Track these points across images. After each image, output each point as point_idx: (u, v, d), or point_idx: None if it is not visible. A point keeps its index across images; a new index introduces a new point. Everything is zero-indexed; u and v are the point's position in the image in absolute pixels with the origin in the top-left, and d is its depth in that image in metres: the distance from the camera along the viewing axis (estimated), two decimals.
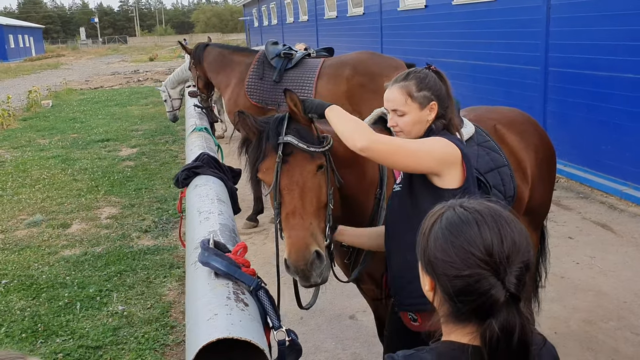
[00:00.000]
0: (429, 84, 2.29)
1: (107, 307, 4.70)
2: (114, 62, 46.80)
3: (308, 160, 2.27)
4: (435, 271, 1.26)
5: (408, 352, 1.30)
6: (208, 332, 1.69)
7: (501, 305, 1.18)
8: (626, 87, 6.61)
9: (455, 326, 1.26)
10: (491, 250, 1.20)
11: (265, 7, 33.08)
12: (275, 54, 6.31)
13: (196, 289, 2.06)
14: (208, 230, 2.58)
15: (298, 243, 2.17)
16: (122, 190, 8.13)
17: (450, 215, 1.28)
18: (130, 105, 17.56)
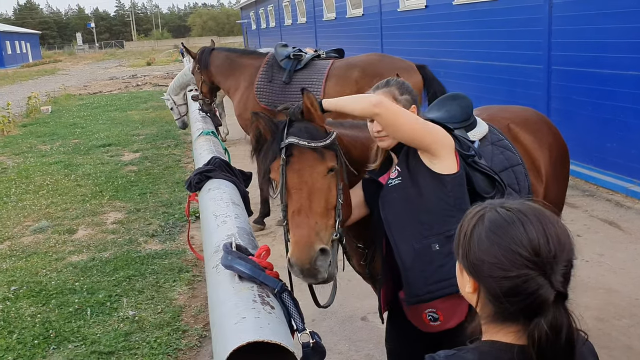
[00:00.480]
0: (408, 89, 2.45)
1: (117, 312, 4.69)
2: (111, 67, 46.75)
3: (319, 161, 2.26)
4: (481, 274, 1.25)
5: (450, 352, 1.29)
6: (237, 335, 1.69)
7: (550, 305, 1.18)
8: (631, 85, 6.62)
9: (498, 326, 1.26)
10: (538, 249, 1.19)
11: (262, 9, 33.08)
12: (284, 56, 6.31)
13: (220, 292, 2.05)
14: (226, 233, 2.58)
15: (302, 241, 2.16)
16: (126, 195, 8.12)
17: (492, 216, 1.27)
18: (130, 110, 17.54)
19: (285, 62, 6.27)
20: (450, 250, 2.18)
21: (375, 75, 5.86)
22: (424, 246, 2.23)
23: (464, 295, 1.37)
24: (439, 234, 2.22)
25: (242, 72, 6.55)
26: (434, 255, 2.21)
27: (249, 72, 6.50)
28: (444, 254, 2.20)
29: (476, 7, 9.95)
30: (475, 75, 10.02)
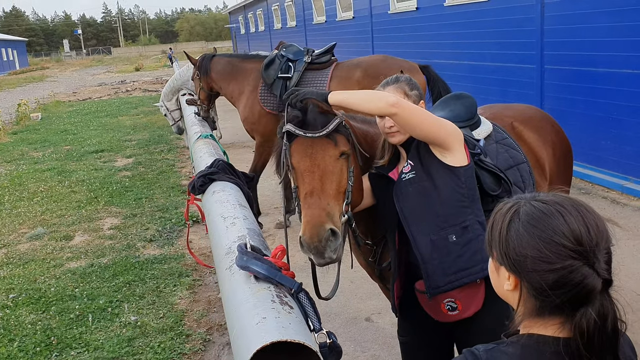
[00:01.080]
0: (416, 85, 2.50)
1: (119, 317, 4.66)
2: (99, 73, 46.58)
3: (331, 145, 2.29)
4: (524, 269, 1.23)
5: (489, 346, 1.28)
6: (260, 335, 1.68)
7: (597, 293, 1.17)
8: (626, 83, 6.67)
9: (539, 320, 1.25)
10: (580, 239, 1.18)
11: (251, 13, 33.06)
12: (273, 78, 6.21)
13: (236, 294, 2.04)
14: (237, 235, 2.58)
15: (313, 221, 2.19)
16: (122, 201, 8.08)
17: (529, 210, 1.25)
18: (121, 116, 17.47)
19: (276, 86, 6.18)
20: (467, 241, 2.22)
21: (377, 76, 5.82)
22: (441, 238, 2.26)
23: (502, 294, 1.36)
24: (454, 225, 2.25)
25: (245, 76, 6.51)
26: (451, 246, 2.24)
27: (252, 76, 6.45)
28: (461, 244, 2.24)
29: (468, 7, 10.01)
30: (468, 76, 10.06)
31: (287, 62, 6.25)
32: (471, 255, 2.23)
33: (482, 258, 2.19)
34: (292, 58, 6.26)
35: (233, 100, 6.70)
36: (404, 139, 2.35)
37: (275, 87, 6.17)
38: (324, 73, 6.17)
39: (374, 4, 14.37)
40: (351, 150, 2.36)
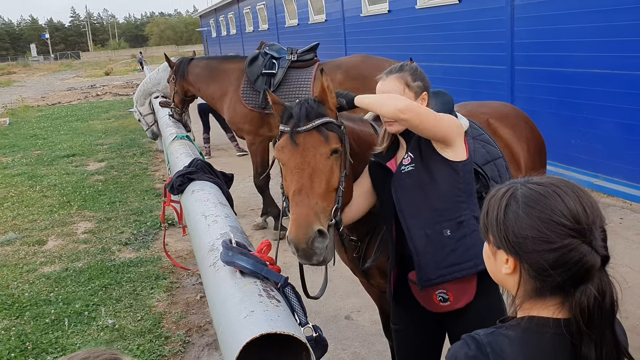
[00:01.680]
0: (421, 75, 2.43)
1: (96, 321, 4.60)
2: (68, 77, 45.87)
3: (323, 143, 2.28)
4: (524, 250, 1.25)
5: (489, 331, 1.29)
6: (249, 328, 1.69)
7: (597, 270, 1.20)
8: (594, 82, 6.83)
9: (538, 302, 1.27)
10: (578, 218, 1.21)
11: (223, 17, 32.94)
12: (257, 75, 6.18)
13: (222, 289, 2.05)
14: (220, 232, 2.58)
15: (300, 219, 2.17)
16: (95, 205, 7.97)
17: (526, 192, 1.28)
18: (92, 120, 17.24)
19: (260, 83, 6.15)
20: (462, 236, 2.23)
21: (358, 77, 5.85)
22: (435, 232, 2.27)
23: (499, 279, 1.37)
24: (450, 219, 2.27)
25: (226, 76, 6.42)
26: (445, 240, 2.26)
27: (234, 75, 6.35)
28: (455, 239, 2.26)
29: (439, 10, 10.13)
30: (440, 78, 10.17)
31: (270, 60, 6.22)
32: (465, 250, 2.25)
33: (475, 253, 2.21)
34: (276, 56, 6.23)
35: (214, 102, 6.59)
36: (401, 129, 2.35)
37: (258, 83, 6.14)
38: (308, 72, 6.13)
39: (346, 7, 14.44)
40: (343, 148, 2.36)
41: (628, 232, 5.63)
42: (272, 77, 6.09)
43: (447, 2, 9.79)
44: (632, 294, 4.34)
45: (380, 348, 3.93)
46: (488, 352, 1.24)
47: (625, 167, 6.62)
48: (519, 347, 1.24)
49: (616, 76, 6.55)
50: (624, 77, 6.44)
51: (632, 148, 6.49)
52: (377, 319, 3.94)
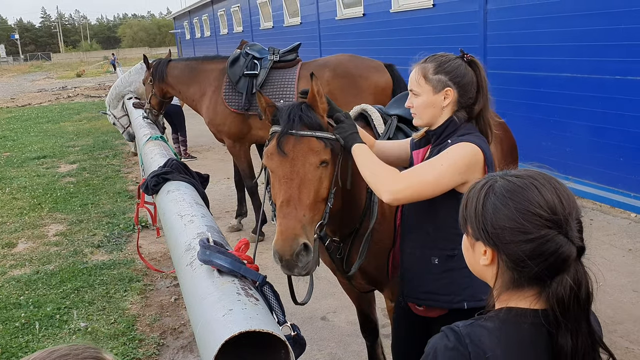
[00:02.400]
0: (448, 69, 2.19)
1: (68, 324, 4.52)
2: (38, 79, 45.15)
3: (312, 152, 2.23)
4: (501, 241, 1.27)
5: (468, 322, 1.30)
6: (227, 327, 1.67)
7: (573, 260, 1.22)
8: (565, 86, 6.95)
9: (515, 293, 1.29)
10: (555, 209, 1.24)
11: (197, 19, 32.74)
12: (239, 76, 6.12)
13: (200, 288, 2.03)
14: (196, 232, 2.56)
15: (287, 232, 2.14)
16: (67, 207, 7.85)
17: (503, 184, 1.30)
18: (63, 122, 16.99)
19: (242, 84, 6.08)
20: (448, 269, 2.15)
21: (345, 75, 5.84)
22: (424, 255, 2.23)
23: (477, 270, 1.39)
24: (441, 249, 2.19)
25: (205, 77, 6.32)
26: (432, 267, 2.21)
27: (213, 76, 6.25)
28: (441, 269, 2.19)
29: (413, 14, 10.22)
30: None
31: (252, 60, 6.16)
32: (447, 283, 2.19)
33: (455, 290, 2.17)
34: (258, 56, 6.17)
35: (195, 103, 6.48)
36: (421, 124, 2.26)
37: (241, 85, 6.06)
38: (291, 72, 6.08)
39: (321, 10, 14.48)
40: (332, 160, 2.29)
41: (598, 233, 5.74)
42: (255, 77, 6.03)
43: (421, 6, 9.89)
44: (602, 293, 4.43)
45: (357, 348, 3.94)
46: (467, 343, 1.25)
47: (595, 170, 6.75)
48: (497, 338, 1.25)
49: (586, 80, 6.68)
50: (594, 81, 6.57)
51: (601, 151, 6.62)
52: (353, 319, 3.96)
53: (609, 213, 6.36)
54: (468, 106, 2.22)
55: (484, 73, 2.24)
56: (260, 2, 19.48)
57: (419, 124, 2.27)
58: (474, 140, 2.12)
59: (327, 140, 2.27)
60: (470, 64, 2.24)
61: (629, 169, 6.31)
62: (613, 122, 6.41)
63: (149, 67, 6.72)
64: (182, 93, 6.52)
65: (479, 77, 2.22)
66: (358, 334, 3.47)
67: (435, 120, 2.23)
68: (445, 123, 2.20)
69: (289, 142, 2.24)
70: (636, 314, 4.19)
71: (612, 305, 4.29)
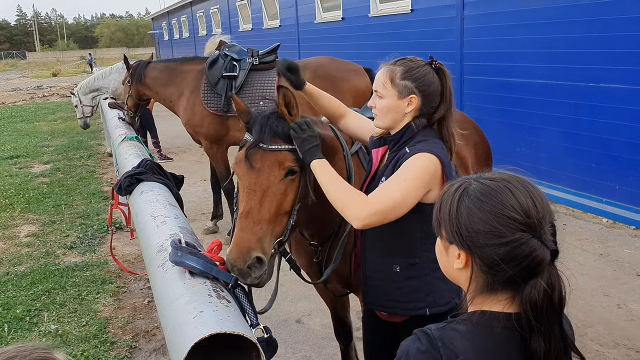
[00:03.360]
0: (415, 76, 2.17)
1: (38, 327, 4.44)
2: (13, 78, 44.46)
3: (279, 165, 2.20)
4: (475, 244, 1.26)
5: (440, 325, 1.29)
6: (198, 329, 1.66)
7: (546, 264, 1.22)
8: (539, 92, 7.05)
9: (489, 297, 1.28)
10: (529, 212, 1.23)
11: (175, 20, 32.55)
12: (217, 78, 6.06)
13: (171, 289, 2.01)
14: (169, 233, 2.54)
15: (241, 244, 2.11)
16: (39, 207, 7.73)
17: (478, 187, 1.29)
18: (37, 121, 16.75)
19: (221, 85, 6.04)
20: (410, 277, 2.16)
21: (326, 77, 5.83)
22: (386, 263, 2.23)
23: (451, 274, 1.37)
24: (403, 257, 2.19)
25: (183, 78, 6.26)
26: (394, 275, 2.21)
27: (191, 76, 6.19)
28: (403, 277, 2.20)
29: (391, 19, 10.28)
30: None
31: (231, 62, 6.12)
32: (409, 291, 2.20)
33: (418, 297, 2.19)
34: (237, 57, 6.13)
35: (172, 104, 6.42)
36: (381, 126, 2.25)
37: (219, 86, 6.01)
38: (271, 74, 6.04)
39: (300, 13, 14.50)
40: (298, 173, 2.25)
41: (571, 237, 5.82)
42: (234, 79, 6.00)
43: (399, 12, 9.95)
44: (574, 296, 4.47)
45: (331, 351, 3.94)
46: (439, 346, 1.25)
47: (568, 175, 6.85)
48: (469, 342, 1.25)
49: (559, 86, 6.78)
50: (566, 88, 6.67)
51: (574, 156, 6.72)
52: (327, 322, 3.95)
53: (581, 218, 6.45)
54: (429, 114, 2.20)
55: (450, 82, 2.23)
56: (239, 4, 19.44)
57: (379, 125, 2.25)
58: (431, 149, 2.10)
59: (296, 152, 2.23)
60: (438, 71, 2.22)
61: (601, 174, 6.42)
62: (585, 129, 6.51)
63: (128, 68, 6.66)
64: (159, 94, 6.46)
65: (445, 86, 2.21)
66: (332, 337, 3.46)
67: (396, 125, 2.21)
68: (403, 129, 2.19)
69: (256, 155, 2.21)
70: (607, 317, 4.26)
71: (584, 308, 4.35)
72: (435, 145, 2.13)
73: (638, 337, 3.98)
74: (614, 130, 6.17)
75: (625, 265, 5.14)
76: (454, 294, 2.20)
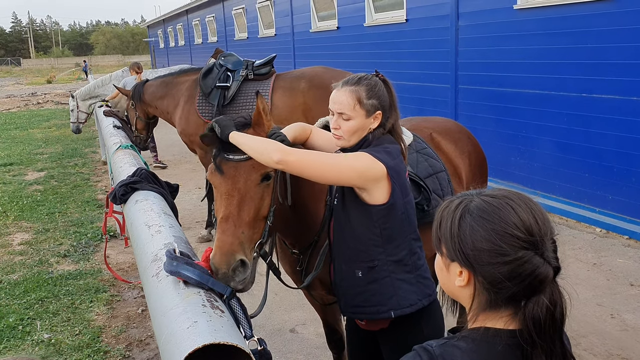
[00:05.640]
0: (378, 93, 2.27)
1: (30, 336, 4.42)
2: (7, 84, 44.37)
3: (254, 169, 2.23)
4: (478, 262, 1.25)
5: (441, 341, 1.28)
6: (191, 339, 1.66)
7: (549, 281, 1.22)
8: (532, 102, 7.09)
9: (490, 314, 1.27)
10: (531, 230, 1.23)
11: (171, 28, 32.58)
12: (211, 88, 6.09)
13: (165, 299, 2.01)
14: (163, 243, 2.53)
15: (224, 247, 2.14)
16: (33, 215, 7.71)
17: (479, 204, 1.28)
18: (32, 128, 16.72)
19: (214, 95, 6.06)
20: (371, 280, 2.22)
21: (321, 86, 5.88)
22: (350, 269, 2.28)
23: (452, 291, 1.36)
24: (362, 261, 2.24)
25: (178, 88, 6.33)
26: (356, 280, 2.27)
27: (186, 86, 6.27)
28: (365, 282, 2.25)
29: (386, 28, 10.33)
30: None
31: (225, 72, 6.14)
32: (371, 295, 2.24)
33: (381, 301, 2.23)
34: (231, 68, 6.16)
35: (169, 116, 6.49)
36: (347, 145, 2.28)
37: (212, 96, 6.04)
38: (266, 84, 6.09)
39: (295, 22, 14.56)
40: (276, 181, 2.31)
41: (564, 247, 5.80)
42: (227, 89, 6.03)
43: (394, 21, 10.00)
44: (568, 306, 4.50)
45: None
46: None
47: (562, 185, 6.88)
48: (470, 359, 1.24)
49: (553, 97, 6.82)
50: (560, 98, 6.72)
51: (568, 166, 6.75)
52: (321, 331, 3.93)
53: (574, 228, 6.48)
54: (384, 124, 2.29)
55: (394, 90, 2.33)
56: (235, 12, 19.50)
57: (345, 146, 2.28)
58: (376, 152, 2.17)
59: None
60: (384, 83, 2.31)
61: (594, 184, 6.45)
62: (578, 139, 6.55)
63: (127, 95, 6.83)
64: (158, 108, 6.56)
65: (392, 97, 2.31)
66: (327, 346, 3.46)
67: (357, 142, 2.28)
68: (361, 142, 2.27)
69: (229, 164, 2.24)
70: (600, 327, 4.27)
71: (577, 318, 4.36)
72: (380, 153, 2.19)
73: (631, 347, 3.99)
74: (607, 140, 6.21)
75: (619, 275, 5.16)
76: (420, 295, 2.25)
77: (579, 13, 6.37)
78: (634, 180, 5.98)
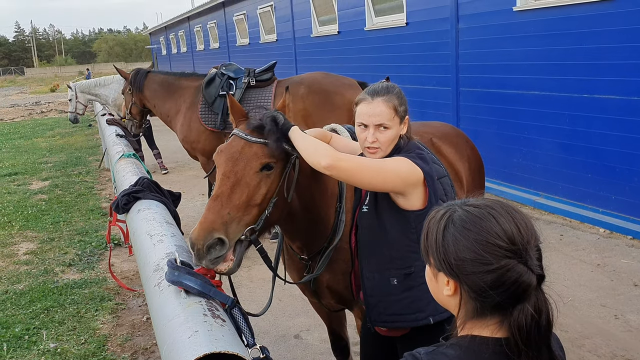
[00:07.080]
0: (405, 99, 2.30)
1: (37, 345, 4.45)
2: (11, 94, 44.57)
3: (256, 156, 2.26)
4: (462, 272, 1.27)
5: (429, 349, 1.30)
6: (192, 348, 1.68)
7: (533, 289, 1.23)
8: (534, 103, 7.10)
9: (478, 322, 1.29)
10: (513, 238, 1.24)
11: (173, 35, 32.70)
12: (214, 97, 6.11)
13: (167, 309, 2.03)
14: (165, 252, 2.55)
15: (205, 224, 2.16)
16: (38, 225, 7.74)
17: (462, 214, 1.30)
18: (36, 138, 16.79)
19: (218, 104, 6.09)
20: (408, 287, 2.19)
21: (320, 92, 5.91)
22: (383, 277, 2.26)
23: (441, 300, 1.39)
24: (398, 268, 2.23)
25: (181, 94, 6.35)
26: (392, 288, 2.25)
27: (188, 93, 6.30)
28: (401, 289, 2.23)
29: (387, 32, 10.35)
30: None
31: (228, 80, 6.18)
32: (410, 302, 2.23)
33: (420, 307, 2.21)
34: (233, 76, 6.20)
35: (169, 119, 6.51)
36: (383, 156, 2.25)
37: (216, 105, 6.09)
38: (267, 91, 6.14)
39: (296, 27, 14.60)
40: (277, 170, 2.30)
41: (567, 248, 5.84)
42: None
43: (395, 25, 10.02)
44: (572, 307, 4.50)
45: None
46: None
47: (565, 186, 6.88)
48: None
49: (554, 98, 6.82)
50: (562, 99, 6.72)
51: (570, 167, 6.75)
52: (326, 337, 3.94)
53: (578, 228, 6.47)
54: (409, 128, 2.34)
55: None
56: (236, 18, 19.57)
57: (381, 156, 2.25)
58: (412, 158, 2.19)
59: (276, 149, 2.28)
60: None
61: (597, 185, 6.45)
62: (580, 140, 6.55)
63: (125, 77, 6.79)
64: (156, 107, 6.56)
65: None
66: (331, 352, 3.47)
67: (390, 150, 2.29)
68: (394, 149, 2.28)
69: (238, 144, 2.29)
70: (604, 328, 4.27)
71: (581, 319, 4.36)
72: (416, 158, 2.20)
73: (636, 347, 3.98)
74: (609, 140, 6.21)
75: (623, 276, 5.15)
76: None
77: (579, 14, 6.38)
78: (636, 180, 5.98)
